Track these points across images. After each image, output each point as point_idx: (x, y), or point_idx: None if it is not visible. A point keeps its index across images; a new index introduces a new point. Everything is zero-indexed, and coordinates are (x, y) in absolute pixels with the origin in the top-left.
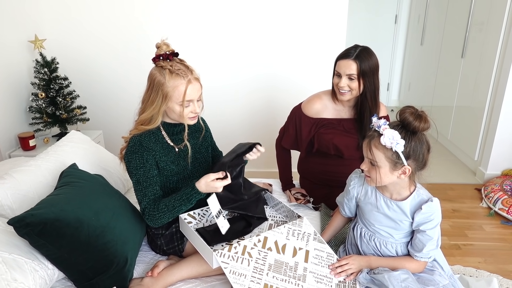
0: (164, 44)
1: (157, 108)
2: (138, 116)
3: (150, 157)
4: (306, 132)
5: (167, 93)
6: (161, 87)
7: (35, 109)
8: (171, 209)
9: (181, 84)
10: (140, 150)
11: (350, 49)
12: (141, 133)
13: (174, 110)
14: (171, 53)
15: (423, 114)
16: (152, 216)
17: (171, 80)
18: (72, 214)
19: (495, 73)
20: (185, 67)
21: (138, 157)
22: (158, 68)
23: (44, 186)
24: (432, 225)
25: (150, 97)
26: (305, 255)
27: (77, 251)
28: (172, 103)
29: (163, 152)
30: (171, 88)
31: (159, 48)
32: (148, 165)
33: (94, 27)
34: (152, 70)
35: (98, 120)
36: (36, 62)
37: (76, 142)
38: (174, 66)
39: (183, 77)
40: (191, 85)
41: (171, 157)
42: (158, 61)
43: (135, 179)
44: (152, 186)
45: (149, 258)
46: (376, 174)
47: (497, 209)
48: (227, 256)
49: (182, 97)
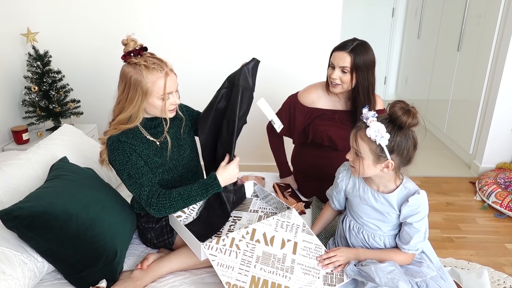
0: (131, 40)
1: (136, 106)
2: (114, 117)
3: (132, 151)
4: (300, 120)
5: (147, 89)
6: (139, 84)
7: (28, 102)
8: (185, 198)
9: (160, 77)
10: (120, 145)
11: (348, 41)
12: (118, 132)
13: (154, 105)
14: (141, 48)
15: (413, 110)
16: (161, 205)
17: (148, 76)
18: (60, 207)
19: (491, 67)
20: (158, 60)
21: (121, 152)
22: (132, 65)
23: (35, 179)
24: (419, 218)
25: (128, 96)
26: (293, 247)
27: (66, 244)
28: (153, 98)
29: (143, 146)
30: (151, 83)
31: (126, 45)
32: (133, 158)
33: (88, 20)
34: (124, 68)
35: (92, 113)
36: (28, 56)
37: (68, 135)
38: (148, 61)
39: (160, 71)
40: (169, 77)
41: (153, 150)
42: (130, 58)
43: (125, 175)
44: (146, 175)
45: (140, 251)
46: (360, 165)
47: (491, 202)
48: (215, 248)
49: (162, 91)
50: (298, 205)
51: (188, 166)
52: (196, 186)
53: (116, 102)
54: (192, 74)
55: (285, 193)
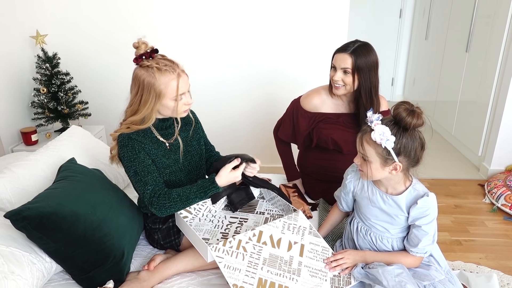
0: (142, 43)
1: (150, 108)
2: (126, 118)
3: (140, 149)
4: (304, 125)
5: (160, 91)
6: (152, 87)
7: (37, 104)
8: (184, 199)
9: (172, 79)
10: (130, 142)
11: (349, 43)
12: (131, 131)
13: (168, 107)
14: (152, 51)
15: (417, 110)
16: (161, 205)
17: (161, 78)
18: (68, 208)
19: (500, 68)
20: (170, 62)
21: (129, 149)
22: (144, 68)
23: (43, 180)
24: (427, 220)
25: (142, 98)
26: (300, 249)
27: (74, 245)
28: (166, 99)
29: (153, 146)
30: (164, 85)
31: (138, 48)
32: (141, 155)
33: (95, 23)
34: (137, 71)
35: (100, 115)
36: (37, 58)
37: (76, 137)
38: (160, 63)
39: (172, 72)
40: (181, 79)
41: (162, 151)
42: (142, 61)
43: (132, 171)
44: (151, 174)
45: (147, 252)
46: (368, 168)
47: (500, 205)
48: (221, 250)
49: (175, 92)
50: (305, 207)
51: (196, 173)
52: (195, 189)
53: (129, 104)
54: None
55: (291, 194)
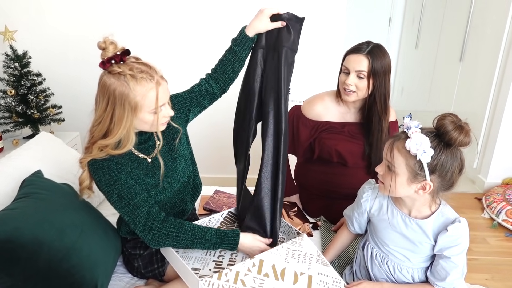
0: (110, 43)
1: (126, 127)
2: (94, 140)
3: (119, 169)
4: (305, 135)
5: (136, 104)
6: (126, 99)
7: (3, 107)
8: (197, 236)
9: (150, 88)
10: (105, 164)
11: (362, 44)
12: (105, 155)
13: (145, 121)
14: (123, 53)
15: (466, 127)
16: (165, 232)
17: (137, 87)
18: (29, 234)
19: (497, 77)
20: (146, 66)
21: (106, 171)
22: (114, 75)
23: (3, 197)
24: (458, 251)
25: (114, 113)
26: (308, 282)
27: (35, 279)
28: (143, 113)
29: (132, 165)
30: (140, 96)
31: (105, 49)
32: (122, 176)
33: (70, 20)
34: (105, 79)
35: (75, 121)
36: (5, 56)
37: (44, 145)
38: (134, 69)
39: (150, 80)
40: (160, 87)
41: (143, 169)
42: (111, 66)
43: (115, 196)
44: (140, 195)
45: (125, 282)
46: (391, 181)
47: (501, 220)
48: (216, 285)
49: (155, 104)
50: (305, 226)
51: (183, 180)
52: (213, 231)
53: (96, 121)
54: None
55: (290, 213)
